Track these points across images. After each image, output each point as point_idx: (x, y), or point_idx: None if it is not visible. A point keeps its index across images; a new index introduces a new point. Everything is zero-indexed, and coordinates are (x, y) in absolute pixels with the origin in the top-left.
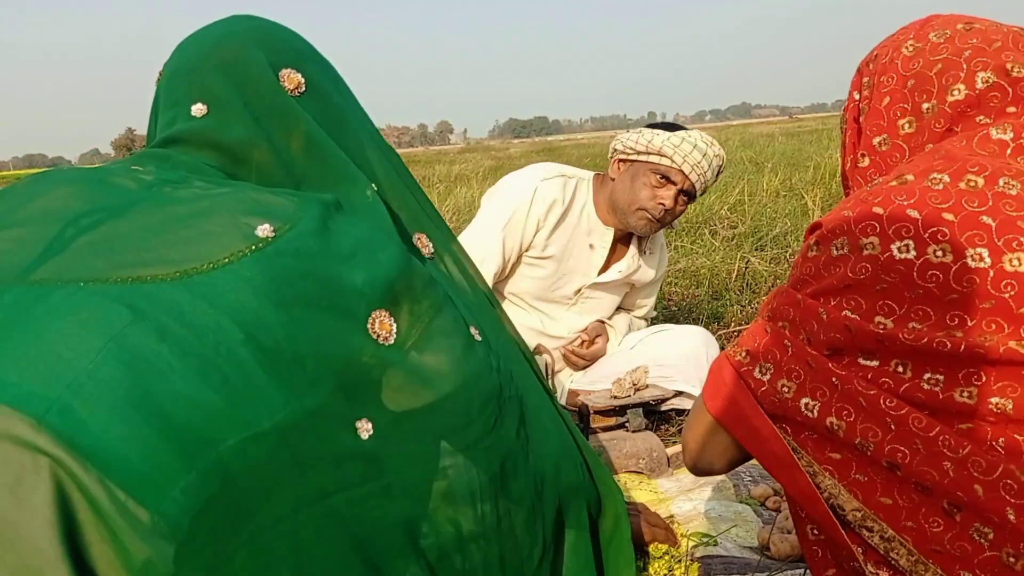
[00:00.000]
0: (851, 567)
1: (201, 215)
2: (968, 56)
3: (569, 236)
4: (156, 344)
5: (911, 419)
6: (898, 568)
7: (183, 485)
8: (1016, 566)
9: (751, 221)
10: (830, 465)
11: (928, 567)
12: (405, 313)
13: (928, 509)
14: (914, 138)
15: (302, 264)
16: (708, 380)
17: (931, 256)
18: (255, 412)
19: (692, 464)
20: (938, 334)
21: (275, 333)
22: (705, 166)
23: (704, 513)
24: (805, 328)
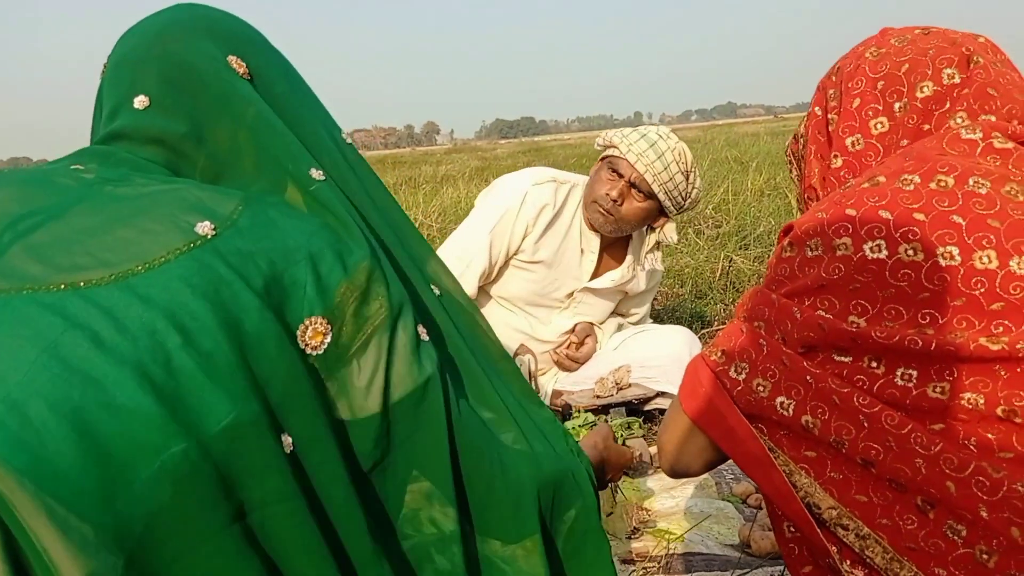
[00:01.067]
0: (827, 564)
1: (140, 213)
2: (932, 55)
3: (560, 240)
4: (91, 353)
5: (884, 416)
6: (873, 566)
7: (127, 496)
8: (989, 563)
9: (735, 220)
10: (806, 463)
11: (903, 564)
12: (350, 317)
13: (902, 506)
14: (888, 136)
15: (241, 263)
16: (684, 381)
17: (903, 255)
18: (198, 418)
19: (669, 466)
20: (910, 332)
21: (214, 335)
22: (653, 157)
23: (686, 510)
24: (780, 327)
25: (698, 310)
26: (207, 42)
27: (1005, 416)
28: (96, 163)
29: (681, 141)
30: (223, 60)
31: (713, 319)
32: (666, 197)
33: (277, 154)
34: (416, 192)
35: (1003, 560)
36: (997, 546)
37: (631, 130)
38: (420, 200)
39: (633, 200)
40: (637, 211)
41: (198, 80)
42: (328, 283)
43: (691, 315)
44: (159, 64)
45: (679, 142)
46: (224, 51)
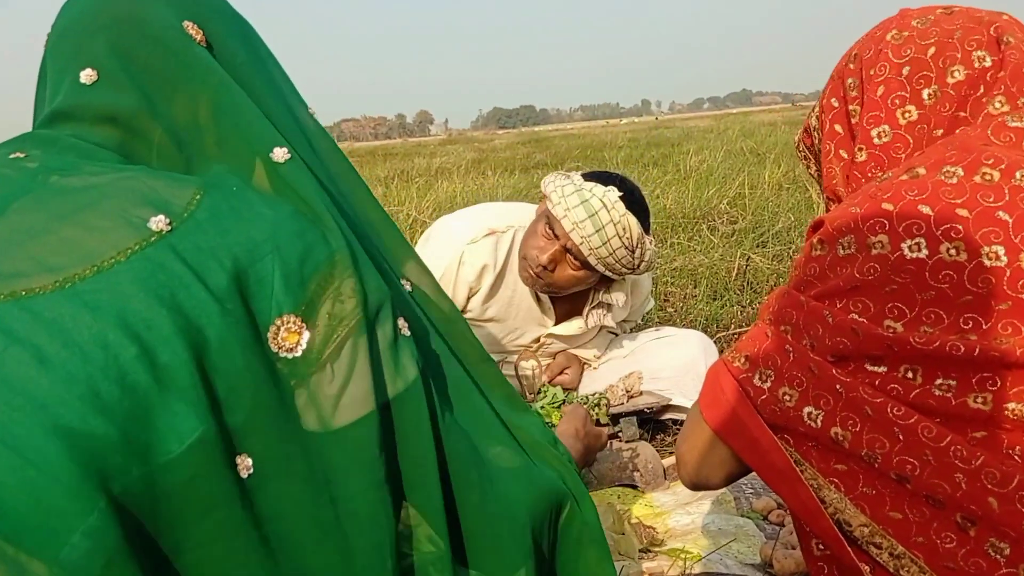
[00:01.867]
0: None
1: (86, 208)
2: (960, 36)
3: (510, 295)
4: (34, 372)
5: (920, 428)
6: None
7: (84, 528)
8: None
9: (752, 216)
10: (835, 477)
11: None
12: (323, 316)
13: (940, 524)
14: (918, 126)
15: (201, 260)
16: (704, 388)
17: (944, 255)
18: (158, 438)
19: (688, 478)
20: (951, 337)
21: (173, 346)
22: (591, 229)
23: (703, 528)
24: (809, 332)
25: (713, 312)
26: (160, 6)
27: None
28: (40, 150)
29: (628, 213)
30: (178, 26)
31: (730, 322)
32: (606, 269)
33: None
34: (409, 186)
35: None
36: None
37: (572, 188)
38: (413, 195)
39: (567, 267)
40: (571, 279)
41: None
42: (298, 278)
43: (706, 318)
44: (107, 33)
45: (624, 214)
46: (179, 15)
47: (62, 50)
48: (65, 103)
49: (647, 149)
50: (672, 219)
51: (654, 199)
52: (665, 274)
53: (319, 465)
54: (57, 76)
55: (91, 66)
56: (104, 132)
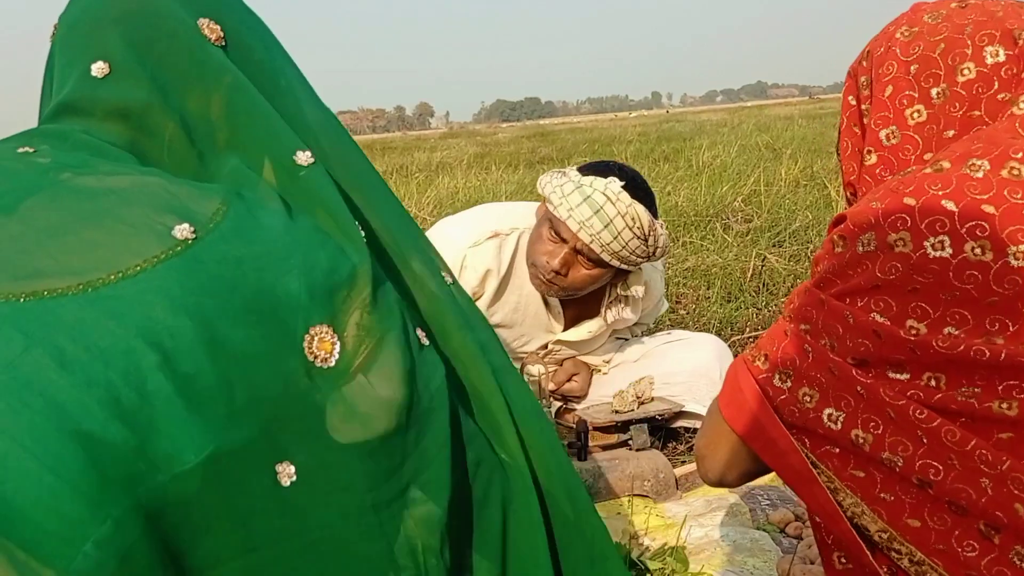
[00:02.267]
0: None
1: (108, 212)
2: (971, 31)
3: (517, 297)
4: (55, 375)
5: (944, 431)
6: None
7: (97, 537)
8: None
9: (768, 214)
10: (852, 482)
11: None
12: (352, 327)
13: (963, 531)
14: (927, 127)
15: (227, 272)
16: (724, 385)
17: (969, 254)
18: (176, 448)
19: (706, 474)
20: (976, 341)
21: (196, 355)
22: (599, 226)
23: (717, 541)
24: (828, 333)
25: (727, 315)
26: (174, 2)
27: None
28: (49, 145)
29: (634, 202)
30: (192, 23)
31: (745, 325)
32: (620, 263)
33: (256, 133)
34: (408, 181)
35: None
36: None
37: (571, 185)
38: (413, 191)
39: (580, 268)
40: (586, 279)
41: (166, 43)
42: (324, 290)
43: (719, 320)
44: (120, 26)
45: (631, 204)
46: (194, 12)
47: (72, 42)
48: (74, 96)
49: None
50: (684, 217)
51: (665, 196)
52: (677, 275)
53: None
54: (66, 69)
55: (103, 59)
56: (115, 128)
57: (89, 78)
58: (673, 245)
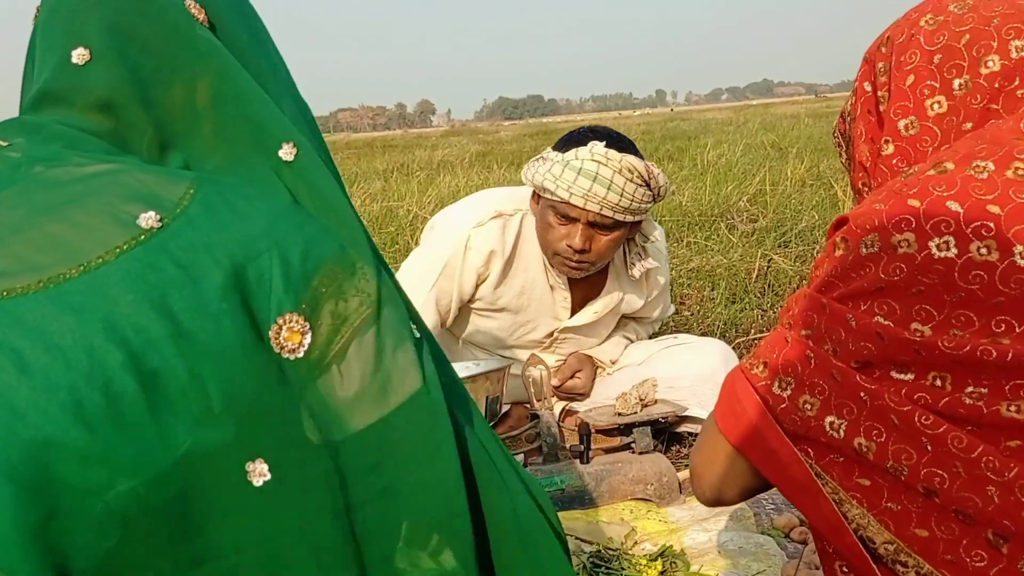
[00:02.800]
0: None
1: (72, 203)
2: (997, 24)
3: (523, 281)
4: (14, 379)
5: (950, 438)
6: None
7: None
8: None
9: (773, 214)
10: (858, 492)
11: None
12: (327, 316)
13: (970, 541)
14: (946, 118)
15: (195, 260)
16: (721, 396)
17: (974, 254)
18: (145, 451)
19: (702, 493)
20: (982, 341)
21: (162, 350)
22: (602, 191)
23: (720, 546)
24: (831, 337)
25: (732, 316)
26: None
27: None
28: (24, 138)
29: (623, 155)
30: (181, 4)
31: (750, 327)
32: (634, 216)
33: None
34: (409, 180)
35: None
36: None
37: (559, 166)
38: (414, 189)
39: (600, 237)
40: (610, 244)
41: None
42: (300, 275)
43: (724, 322)
44: (102, 9)
45: (621, 158)
46: None
47: (53, 27)
48: (53, 84)
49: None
50: (689, 216)
51: (669, 195)
52: (681, 275)
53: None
54: (46, 54)
55: (83, 44)
56: (94, 118)
57: (69, 65)
58: (677, 245)
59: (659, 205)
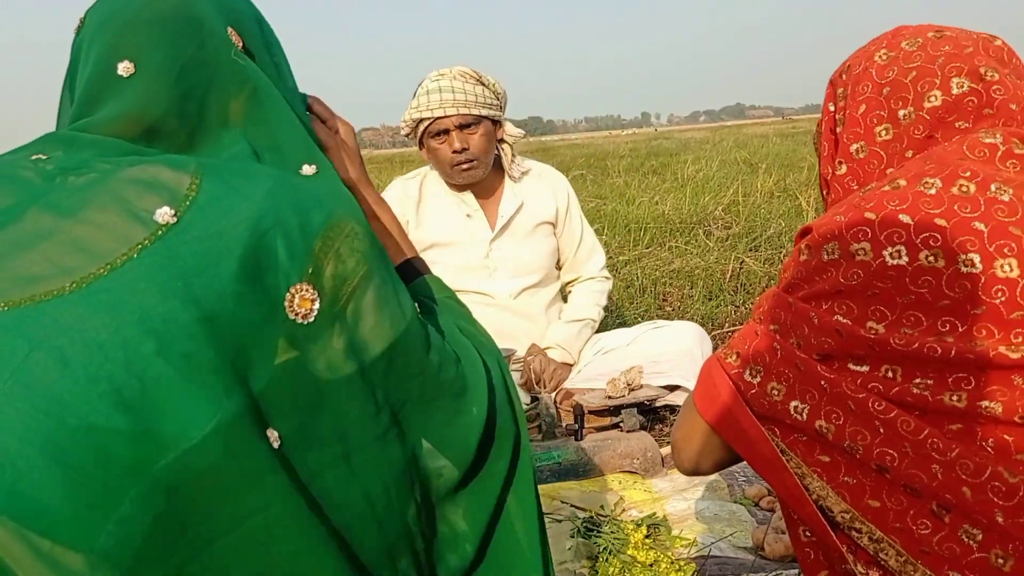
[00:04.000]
0: (843, 569)
1: (92, 205)
2: (942, 63)
3: (440, 219)
4: (58, 375)
5: (900, 422)
6: (888, 568)
7: (117, 516)
8: (1005, 567)
9: (745, 222)
10: (819, 467)
11: (917, 568)
12: (328, 279)
13: (917, 511)
14: (892, 145)
15: (209, 247)
16: (698, 382)
17: (923, 261)
18: (182, 426)
19: (681, 463)
20: (929, 339)
21: (191, 334)
22: (449, 96)
23: (698, 513)
24: (796, 332)
25: (709, 312)
26: (207, 8)
27: (1023, 422)
28: (61, 150)
29: (452, 67)
30: (224, 31)
31: (724, 321)
32: (487, 110)
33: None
34: None
35: (1019, 565)
36: (1013, 551)
37: (415, 99)
38: None
39: (471, 137)
40: (482, 140)
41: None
42: (301, 246)
43: (702, 317)
44: (152, 28)
45: (451, 68)
46: (224, 20)
47: (100, 40)
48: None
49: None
50: (670, 224)
51: (653, 205)
52: (664, 275)
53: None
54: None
55: (130, 59)
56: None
57: (114, 76)
58: (659, 249)
59: (644, 213)
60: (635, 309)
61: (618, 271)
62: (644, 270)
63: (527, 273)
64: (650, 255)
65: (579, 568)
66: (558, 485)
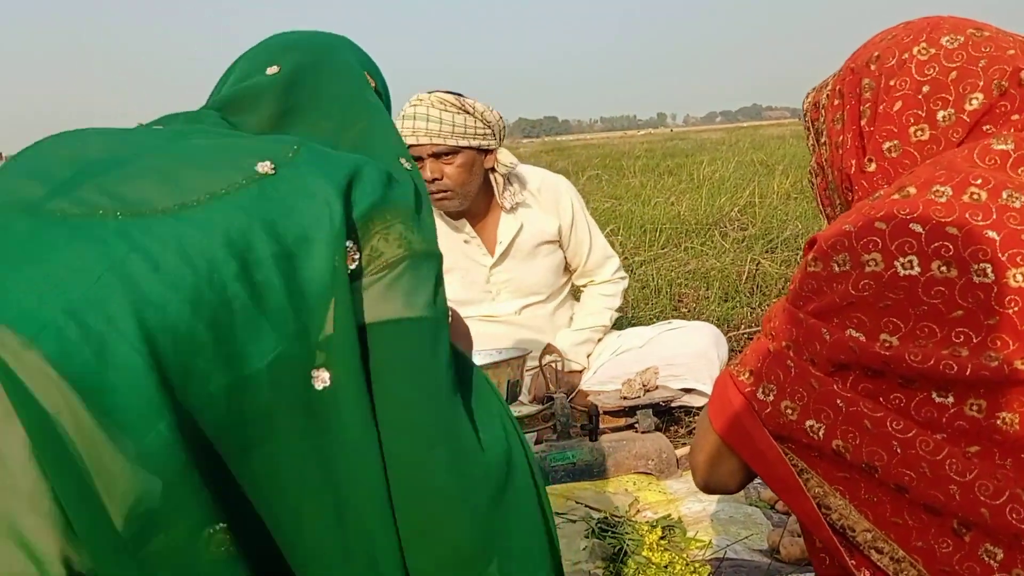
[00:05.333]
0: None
1: (205, 154)
2: (984, 65)
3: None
4: (151, 275)
5: (919, 442)
6: None
7: (169, 421)
8: None
9: (761, 223)
10: (840, 484)
11: None
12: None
13: (937, 529)
14: (927, 146)
15: (299, 199)
16: (713, 398)
17: (936, 272)
18: (246, 350)
19: (703, 485)
20: (944, 354)
21: (269, 269)
22: (421, 125)
23: (713, 515)
24: (808, 349)
25: (724, 313)
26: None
27: None
28: (180, 124)
29: (429, 94)
30: (360, 70)
31: (740, 322)
32: (467, 140)
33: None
34: None
35: None
36: None
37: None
38: None
39: (446, 167)
40: (458, 171)
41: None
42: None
43: (718, 318)
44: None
45: (432, 93)
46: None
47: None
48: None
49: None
50: (686, 225)
51: (668, 205)
52: (679, 276)
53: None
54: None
55: (278, 64)
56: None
57: (261, 72)
58: (675, 250)
59: (660, 213)
60: (650, 310)
61: (633, 272)
62: (660, 271)
63: (530, 294)
64: (665, 256)
65: (593, 569)
66: (572, 485)
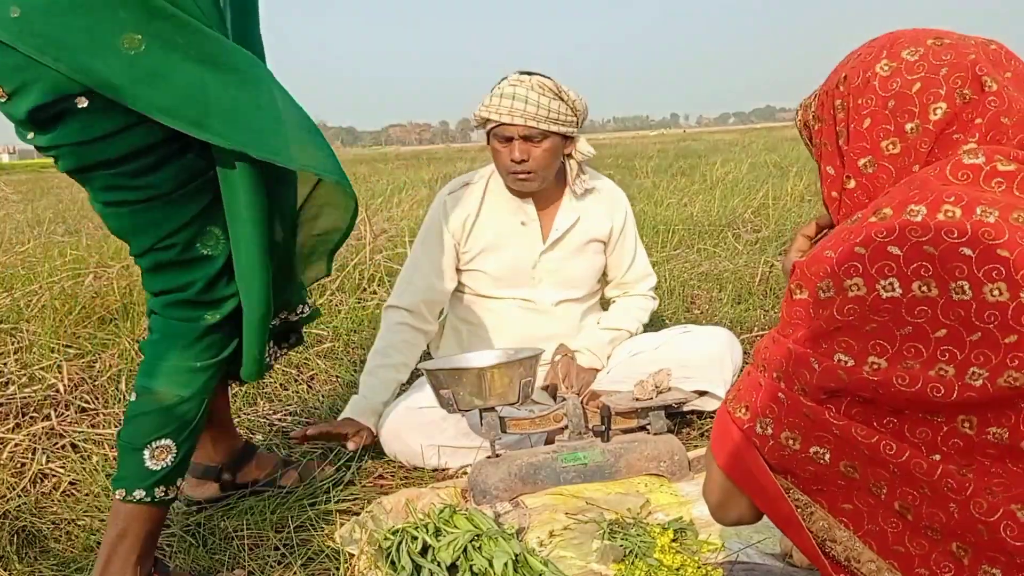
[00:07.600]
0: None
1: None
2: (946, 73)
3: (496, 223)
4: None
5: (912, 464)
6: None
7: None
8: None
9: (775, 225)
10: (844, 517)
11: None
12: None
13: (939, 554)
14: (900, 159)
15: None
16: (714, 436)
17: (916, 292)
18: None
19: (719, 519)
20: (930, 375)
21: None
22: (520, 105)
23: None
24: (798, 379)
25: (738, 316)
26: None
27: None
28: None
29: (533, 75)
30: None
31: (753, 325)
32: (557, 126)
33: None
34: None
35: None
36: None
37: (488, 95)
38: None
39: (534, 149)
40: (545, 155)
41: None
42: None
43: (731, 321)
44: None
45: (531, 77)
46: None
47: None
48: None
49: (675, 160)
50: (699, 226)
51: (681, 207)
52: (692, 278)
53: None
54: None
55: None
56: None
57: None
58: (688, 251)
59: (672, 215)
60: (663, 311)
61: None
62: (672, 272)
63: (571, 287)
64: (678, 257)
65: (605, 570)
66: (584, 486)
